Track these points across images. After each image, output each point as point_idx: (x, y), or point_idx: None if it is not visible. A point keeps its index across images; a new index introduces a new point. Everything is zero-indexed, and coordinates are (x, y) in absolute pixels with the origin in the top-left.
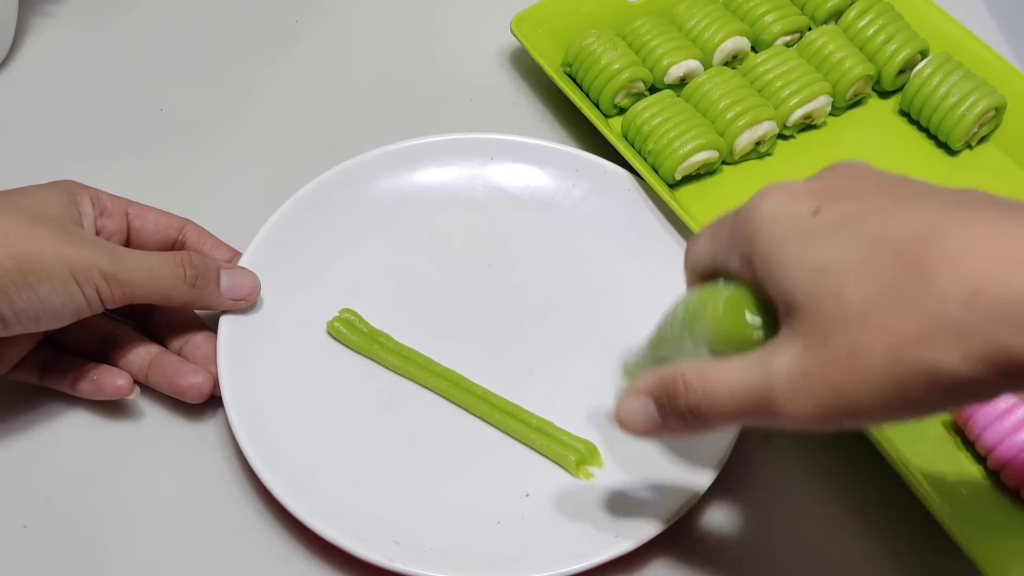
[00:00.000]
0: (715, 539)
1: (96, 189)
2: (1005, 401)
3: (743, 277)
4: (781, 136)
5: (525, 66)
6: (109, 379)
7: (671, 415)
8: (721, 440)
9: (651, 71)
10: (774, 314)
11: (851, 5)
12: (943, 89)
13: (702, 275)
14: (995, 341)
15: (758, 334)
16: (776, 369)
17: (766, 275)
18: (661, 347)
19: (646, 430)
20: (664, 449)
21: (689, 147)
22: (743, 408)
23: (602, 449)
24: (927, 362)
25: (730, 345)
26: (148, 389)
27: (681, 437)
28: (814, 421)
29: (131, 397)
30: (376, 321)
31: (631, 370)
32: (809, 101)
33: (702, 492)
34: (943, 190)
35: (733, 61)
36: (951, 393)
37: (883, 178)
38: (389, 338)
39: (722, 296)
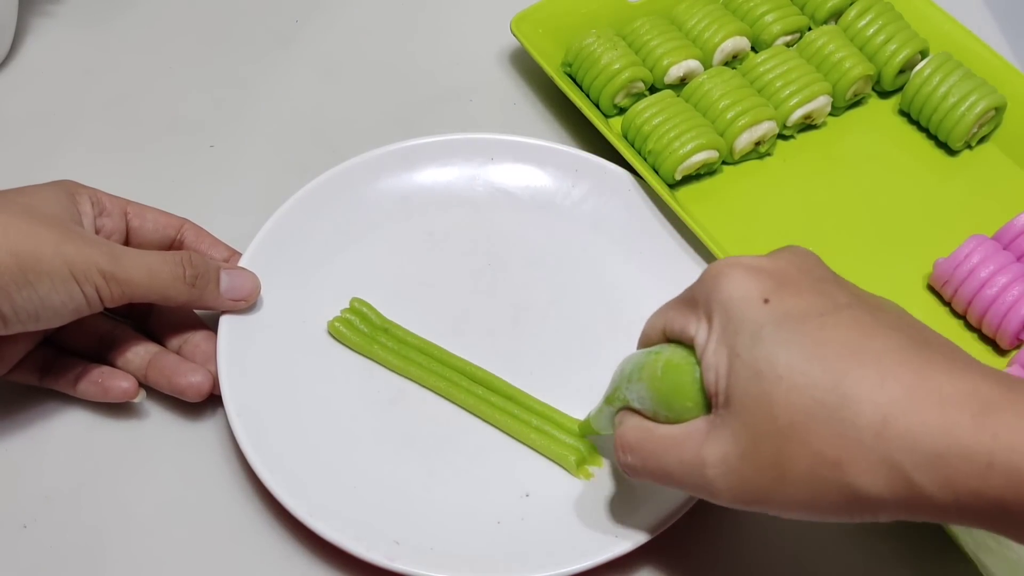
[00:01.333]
0: (715, 539)
1: (95, 189)
2: None
3: (688, 344)
4: (781, 136)
5: (525, 66)
6: (114, 382)
7: (621, 468)
8: None
9: (651, 71)
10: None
11: (851, 5)
12: (943, 89)
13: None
14: (900, 470)
15: (693, 410)
16: (709, 457)
17: (713, 361)
18: (613, 400)
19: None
20: None
21: (689, 147)
22: (675, 481)
23: (602, 449)
24: (843, 483)
25: (664, 408)
26: (148, 389)
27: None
28: (738, 505)
29: (136, 400)
30: (376, 320)
31: (591, 422)
32: (809, 101)
33: None
34: (869, 306)
35: (733, 61)
36: (862, 508)
37: (822, 276)
38: (399, 327)
39: (663, 358)
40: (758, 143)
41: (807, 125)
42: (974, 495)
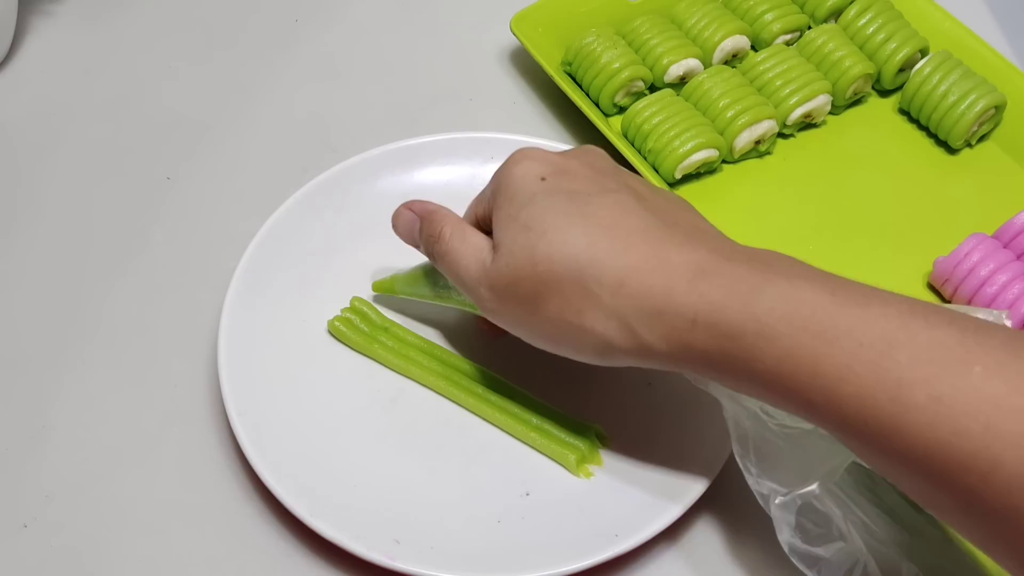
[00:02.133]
0: (715, 538)
1: None
2: None
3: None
4: (781, 135)
5: (525, 65)
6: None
7: (423, 243)
8: (722, 440)
9: (651, 70)
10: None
11: (851, 3)
12: (943, 87)
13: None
14: (628, 324)
15: None
16: (483, 280)
17: (495, 220)
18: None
19: (404, 237)
20: (665, 448)
21: (689, 146)
22: (462, 284)
23: (602, 448)
24: (584, 327)
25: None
26: (146, 389)
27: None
28: (503, 324)
29: None
30: (377, 320)
31: (395, 281)
32: (809, 100)
33: (703, 491)
34: (636, 193)
35: (733, 60)
36: (601, 350)
37: (602, 168)
38: (399, 327)
39: None
40: (758, 142)
41: (807, 124)
42: (686, 346)
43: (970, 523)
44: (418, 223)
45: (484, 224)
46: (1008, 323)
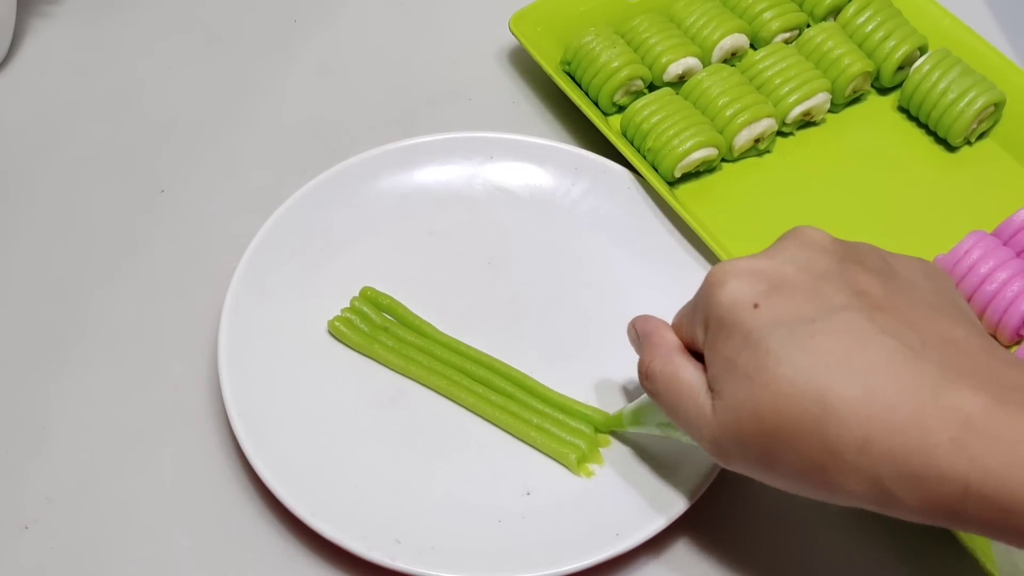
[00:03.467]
0: (716, 536)
1: None
2: None
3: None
4: (780, 133)
5: (524, 64)
6: None
7: (638, 374)
8: None
9: (650, 69)
10: None
11: (850, 1)
12: (942, 85)
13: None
14: (880, 483)
15: None
16: (705, 432)
17: (708, 359)
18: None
19: (633, 345)
20: (666, 447)
21: (688, 145)
22: (677, 421)
23: (602, 447)
24: (827, 482)
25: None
26: (146, 390)
27: None
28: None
29: None
30: (377, 319)
31: (628, 416)
32: (808, 98)
33: (703, 490)
34: (867, 305)
35: (732, 58)
36: (847, 501)
37: (822, 270)
38: (400, 327)
39: None
40: (757, 140)
41: (806, 122)
42: (954, 513)
43: None
44: (637, 343)
45: (695, 345)
46: None
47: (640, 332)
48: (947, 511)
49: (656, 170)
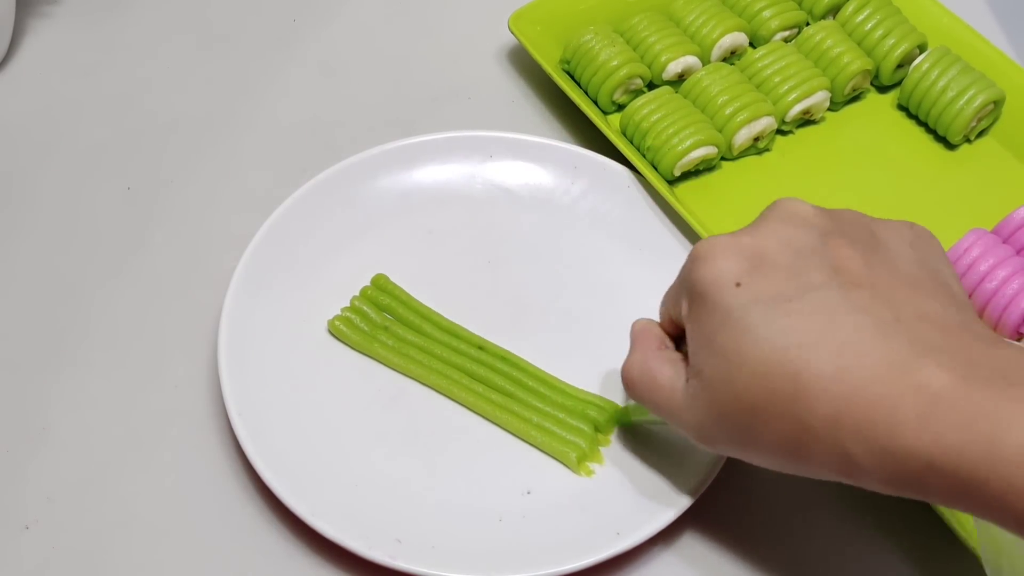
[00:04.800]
0: (717, 535)
1: None
2: None
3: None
4: (780, 131)
5: (523, 63)
6: None
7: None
8: None
9: (649, 67)
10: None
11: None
12: (942, 83)
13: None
14: (851, 457)
15: None
16: (686, 416)
17: (689, 338)
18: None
19: None
20: (666, 445)
21: (688, 143)
22: (660, 415)
23: (603, 446)
24: (802, 456)
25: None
26: (147, 390)
27: None
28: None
29: None
30: (377, 319)
31: (633, 409)
32: (808, 96)
33: (704, 488)
34: (844, 281)
35: (731, 57)
36: (822, 474)
37: (803, 246)
38: (400, 326)
39: None
40: (757, 139)
41: (806, 120)
42: (922, 486)
43: None
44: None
45: (679, 319)
46: None
47: (631, 337)
48: (913, 484)
49: (656, 168)
